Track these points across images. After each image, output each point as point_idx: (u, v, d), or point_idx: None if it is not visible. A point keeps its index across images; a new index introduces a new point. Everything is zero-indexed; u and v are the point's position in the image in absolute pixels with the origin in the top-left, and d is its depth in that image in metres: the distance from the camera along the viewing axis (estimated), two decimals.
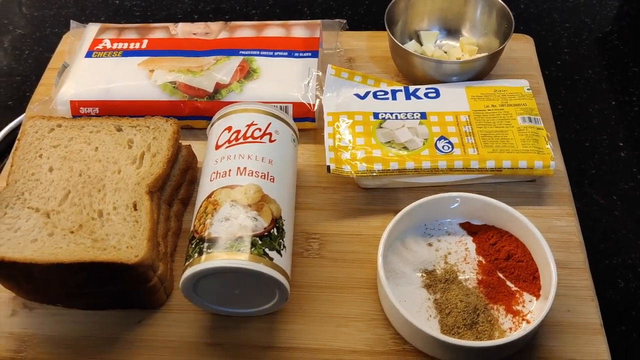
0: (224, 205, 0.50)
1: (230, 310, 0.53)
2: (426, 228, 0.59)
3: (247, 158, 0.54)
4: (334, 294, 0.56)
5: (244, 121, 0.56)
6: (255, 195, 0.51)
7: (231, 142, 0.55)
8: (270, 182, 0.53)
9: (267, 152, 0.55)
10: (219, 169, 0.54)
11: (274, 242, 0.50)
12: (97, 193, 0.54)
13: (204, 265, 0.48)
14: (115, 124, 0.60)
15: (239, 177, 0.52)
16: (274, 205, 0.52)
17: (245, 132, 0.55)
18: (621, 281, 0.62)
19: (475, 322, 0.52)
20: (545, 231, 0.58)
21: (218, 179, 0.53)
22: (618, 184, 0.70)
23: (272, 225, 0.51)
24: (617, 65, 0.83)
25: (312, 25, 0.74)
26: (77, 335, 0.55)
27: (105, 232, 0.52)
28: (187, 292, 0.50)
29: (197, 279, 0.49)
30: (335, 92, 0.68)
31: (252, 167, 0.53)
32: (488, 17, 0.74)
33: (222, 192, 0.52)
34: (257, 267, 0.47)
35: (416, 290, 0.55)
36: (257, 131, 0.56)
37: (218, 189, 0.52)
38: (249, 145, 0.55)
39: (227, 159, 0.54)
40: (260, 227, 0.50)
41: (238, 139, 0.55)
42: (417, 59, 0.69)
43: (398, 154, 0.61)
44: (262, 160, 0.54)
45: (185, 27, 0.75)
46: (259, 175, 0.53)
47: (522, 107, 0.65)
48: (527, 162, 0.61)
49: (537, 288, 0.54)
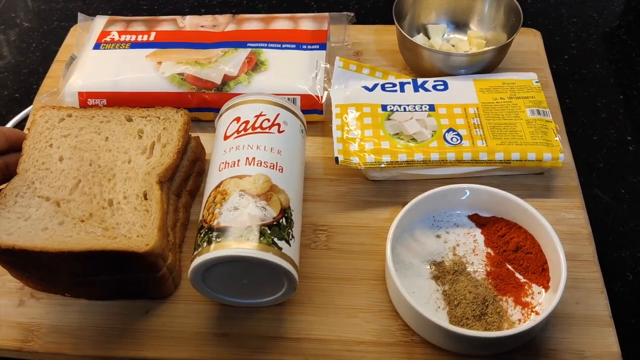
0: (233, 195, 0.50)
1: (239, 300, 0.53)
2: (434, 220, 0.59)
3: (255, 148, 0.54)
4: (342, 285, 0.56)
5: (252, 112, 0.56)
6: (264, 185, 0.51)
7: (240, 133, 0.55)
8: (279, 172, 0.53)
9: (275, 142, 0.55)
10: (227, 159, 0.54)
11: (282, 232, 0.50)
12: (107, 182, 0.54)
13: (213, 254, 0.48)
14: (125, 114, 0.60)
15: (247, 167, 0.52)
16: (283, 195, 0.52)
17: (254, 123, 0.55)
18: (630, 274, 0.61)
19: (484, 314, 0.52)
20: (554, 223, 0.58)
21: (227, 169, 0.53)
22: (626, 177, 0.69)
23: (280, 215, 0.50)
24: (625, 59, 0.83)
25: (319, 18, 0.74)
26: (84, 325, 0.55)
27: (116, 221, 0.52)
28: (196, 282, 0.50)
29: (206, 268, 0.49)
30: (343, 84, 0.67)
31: (261, 157, 0.53)
32: (496, 11, 0.74)
33: (231, 182, 0.51)
34: (265, 256, 0.47)
35: (425, 282, 0.54)
36: (265, 122, 0.55)
37: (227, 178, 0.52)
38: (257, 136, 0.55)
39: (235, 149, 0.54)
40: (269, 216, 0.50)
41: (247, 130, 0.55)
42: (426, 52, 0.68)
43: (406, 145, 0.61)
44: (271, 150, 0.54)
45: (193, 19, 0.75)
46: (268, 165, 0.53)
47: (530, 99, 0.65)
48: (535, 154, 0.60)
49: (546, 280, 0.54)
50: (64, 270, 0.52)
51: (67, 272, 0.52)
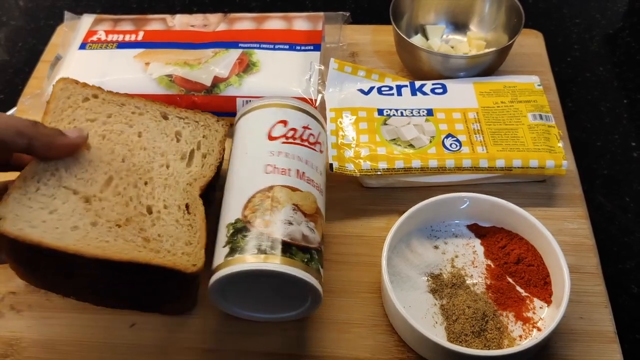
0: (286, 207, 0.48)
1: (248, 313, 0.51)
2: (432, 230, 0.56)
3: (304, 162, 0.51)
4: (335, 298, 0.54)
5: (300, 121, 0.54)
6: (313, 205, 0.49)
7: (288, 139, 0.52)
8: (321, 194, 0.51)
9: (319, 161, 0.53)
10: (277, 163, 0.50)
11: (321, 259, 0.48)
12: (143, 185, 0.50)
13: (269, 266, 0.44)
14: (160, 110, 0.55)
15: (299, 180, 0.50)
16: (322, 220, 0.50)
17: (302, 134, 0.53)
18: (635, 287, 0.59)
19: (484, 330, 0.49)
20: (556, 234, 0.56)
21: (276, 174, 0.49)
22: (631, 184, 0.67)
23: (322, 241, 0.49)
24: (629, 62, 0.81)
25: (314, 18, 0.72)
26: (67, 339, 0.52)
27: (157, 232, 0.47)
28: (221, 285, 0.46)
29: (249, 276, 0.45)
30: (338, 87, 0.65)
31: (309, 174, 0.51)
32: (497, 11, 0.71)
33: (283, 191, 0.48)
34: (317, 285, 0.46)
35: (421, 295, 0.52)
36: (311, 137, 0.53)
37: (278, 186, 0.49)
38: (306, 150, 0.52)
39: (285, 155, 0.51)
40: (316, 240, 0.48)
41: (295, 138, 0.52)
42: (424, 53, 0.66)
43: (404, 152, 0.59)
44: (317, 169, 0.52)
45: (182, 18, 0.73)
46: (314, 185, 0.50)
47: (532, 103, 0.63)
48: (538, 161, 0.58)
49: (549, 294, 0.52)
50: (87, 274, 0.47)
51: (90, 277, 0.48)
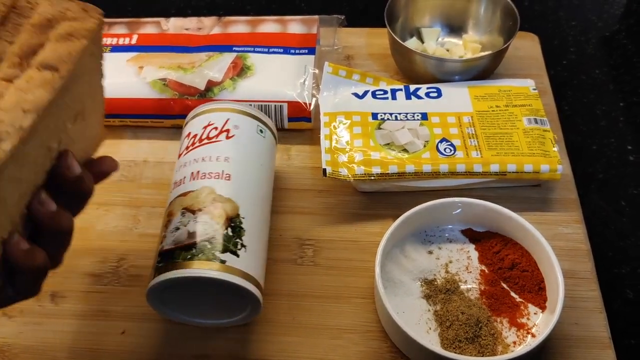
0: (176, 215, 0.49)
1: (206, 321, 0.51)
2: (426, 235, 0.56)
3: (201, 161, 0.52)
4: (328, 303, 0.53)
5: (201, 124, 0.54)
6: (207, 197, 0.49)
7: (188, 149, 0.53)
8: (226, 180, 0.50)
9: (222, 150, 0.52)
10: (176, 178, 0.52)
11: (227, 243, 0.47)
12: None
13: (154, 280, 0.46)
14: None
15: (192, 182, 0.50)
16: (229, 205, 0.49)
17: (201, 135, 0.53)
18: (630, 292, 0.59)
19: (478, 336, 0.49)
20: (551, 239, 0.56)
21: (175, 188, 0.51)
22: (626, 189, 0.67)
23: (226, 224, 0.48)
24: (625, 65, 0.81)
25: (309, 21, 0.71)
26: (58, 346, 0.52)
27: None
28: (156, 307, 0.49)
29: (157, 294, 0.47)
30: (332, 91, 0.65)
31: (205, 169, 0.51)
32: (492, 14, 0.71)
33: (176, 202, 0.50)
34: (203, 272, 0.45)
35: (415, 301, 0.52)
36: (213, 131, 0.53)
37: (174, 199, 0.50)
38: (203, 148, 0.53)
39: (183, 166, 0.52)
40: (210, 229, 0.47)
41: (194, 144, 0.53)
42: (418, 57, 0.66)
43: (398, 156, 0.58)
44: (217, 159, 0.51)
45: (177, 22, 0.72)
46: (212, 176, 0.50)
47: (527, 107, 0.63)
48: (533, 165, 0.58)
49: (543, 299, 0.51)
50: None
51: None
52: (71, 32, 0.40)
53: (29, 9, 0.39)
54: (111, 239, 0.58)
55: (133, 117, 0.65)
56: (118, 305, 0.54)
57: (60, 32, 0.39)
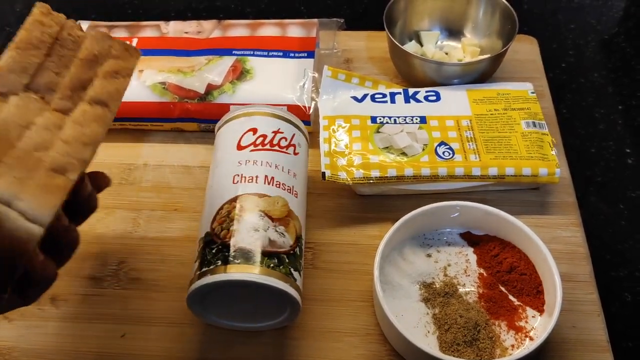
0: (251, 214, 0.48)
1: (232, 323, 0.51)
2: (425, 238, 0.56)
3: (274, 167, 0.51)
4: (327, 306, 0.53)
5: (270, 126, 0.53)
6: (283, 209, 0.49)
7: (257, 146, 0.52)
8: (294, 197, 0.51)
9: (292, 164, 0.52)
10: (244, 172, 0.50)
11: (296, 261, 0.48)
12: None
13: (231, 276, 0.45)
14: None
15: (266, 186, 0.49)
16: (298, 223, 0.50)
17: (272, 139, 0.52)
18: (628, 294, 0.59)
19: (476, 339, 0.49)
20: (549, 242, 0.56)
21: (243, 183, 0.50)
22: (625, 192, 0.67)
23: (295, 244, 0.49)
24: (624, 68, 0.81)
25: (308, 25, 0.72)
26: (59, 349, 0.52)
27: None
28: (195, 299, 0.47)
29: (216, 288, 0.46)
30: (331, 94, 0.65)
31: (280, 178, 0.50)
32: (491, 18, 0.71)
33: (249, 199, 0.48)
34: (285, 287, 0.45)
35: (414, 304, 0.52)
36: (283, 140, 0.53)
37: (244, 194, 0.49)
38: (276, 154, 0.52)
39: (253, 163, 0.51)
40: (287, 244, 0.47)
41: (264, 144, 0.52)
42: (417, 61, 0.66)
43: (396, 160, 0.58)
44: (288, 172, 0.51)
45: (176, 25, 0.73)
46: (286, 188, 0.50)
47: (526, 111, 0.63)
48: (531, 169, 0.58)
49: (541, 303, 0.51)
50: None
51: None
52: (117, 70, 0.43)
53: (72, 42, 0.42)
54: (111, 242, 0.59)
55: (133, 120, 0.66)
56: (118, 308, 0.54)
57: (107, 70, 0.42)
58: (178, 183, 0.63)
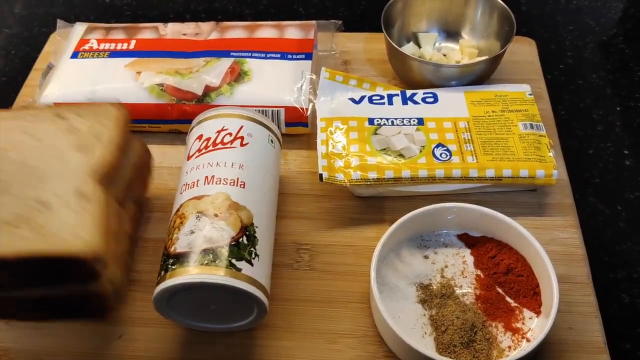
0: (190, 218, 0.48)
1: (209, 325, 0.51)
2: (422, 239, 0.56)
3: (215, 165, 0.51)
4: (324, 308, 0.53)
5: (214, 127, 0.54)
6: (223, 203, 0.49)
7: (201, 151, 0.53)
8: (241, 187, 0.50)
9: (237, 157, 0.52)
10: (188, 180, 0.52)
11: (242, 251, 0.47)
12: (40, 183, 0.48)
13: (168, 282, 0.46)
14: (56, 112, 0.54)
15: (206, 186, 0.50)
16: (244, 212, 0.49)
17: (215, 139, 0.53)
18: (626, 296, 0.59)
19: (473, 340, 0.49)
20: (547, 243, 0.56)
21: (187, 190, 0.51)
22: (623, 193, 0.67)
23: (240, 233, 0.48)
24: (623, 69, 0.81)
25: (306, 26, 0.72)
26: (55, 350, 0.52)
27: (50, 222, 0.46)
28: (161, 309, 0.48)
29: (167, 296, 0.47)
30: (329, 96, 0.65)
31: (221, 174, 0.51)
32: (489, 19, 0.71)
33: (190, 204, 0.50)
34: (222, 280, 0.45)
35: (411, 306, 0.52)
36: (227, 136, 0.53)
37: (186, 201, 0.50)
38: (218, 152, 0.52)
39: (196, 168, 0.52)
40: (227, 236, 0.47)
41: (207, 147, 0.53)
42: (415, 63, 0.66)
43: (394, 161, 0.58)
44: (232, 166, 0.51)
45: (175, 27, 0.73)
46: (228, 182, 0.50)
47: (523, 113, 0.63)
48: (528, 170, 0.58)
49: (538, 304, 0.51)
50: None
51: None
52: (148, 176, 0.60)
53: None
54: None
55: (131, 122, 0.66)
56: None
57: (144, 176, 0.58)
58: (176, 185, 0.63)
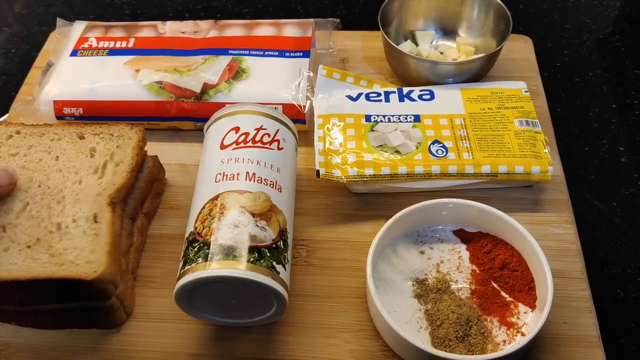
0: (232, 211, 0.48)
1: (222, 319, 0.51)
2: (419, 235, 0.57)
3: (256, 163, 0.51)
4: (321, 303, 0.54)
5: (252, 124, 0.54)
6: (265, 204, 0.49)
7: (239, 144, 0.52)
8: (278, 191, 0.51)
9: (276, 159, 0.53)
10: (225, 170, 0.51)
11: (280, 255, 0.48)
12: (56, 205, 0.52)
13: (211, 272, 0.45)
14: (77, 132, 0.57)
15: (248, 182, 0.50)
16: (281, 217, 0.50)
17: (254, 136, 0.53)
18: (620, 291, 0.60)
19: (468, 335, 0.50)
20: (542, 239, 0.56)
21: (225, 181, 0.50)
22: (618, 190, 0.68)
23: (279, 237, 0.49)
24: (618, 67, 0.81)
25: (304, 25, 0.72)
26: (55, 345, 0.53)
27: (64, 246, 0.49)
28: (182, 298, 0.48)
29: (198, 286, 0.46)
30: (326, 93, 0.66)
31: (262, 173, 0.51)
32: (485, 17, 0.72)
33: (230, 196, 0.49)
34: (265, 280, 0.46)
35: (407, 300, 0.53)
36: (266, 136, 0.53)
37: (225, 192, 0.49)
38: (258, 150, 0.52)
39: (235, 161, 0.51)
40: (268, 238, 0.48)
41: (247, 142, 0.52)
42: (412, 60, 0.66)
43: (390, 158, 0.59)
44: (271, 167, 0.52)
45: (173, 25, 0.73)
46: (268, 184, 0.51)
47: (519, 110, 0.63)
48: (524, 167, 0.58)
49: (533, 299, 0.52)
50: (10, 298, 0.50)
51: (13, 300, 0.50)
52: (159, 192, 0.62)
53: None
54: None
55: (130, 119, 0.66)
56: None
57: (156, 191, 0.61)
58: (174, 181, 0.64)
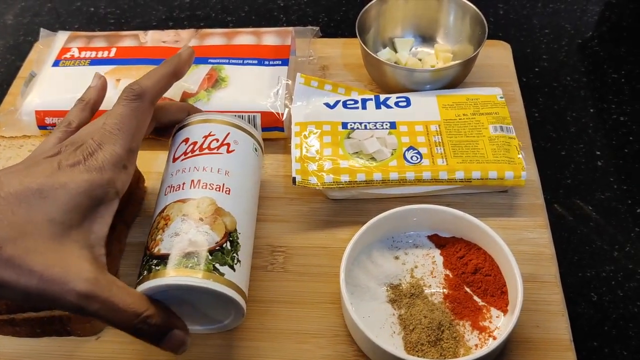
0: (175, 220, 0.49)
1: (191, 327, 0.52)
2: (394, 241, 0.58)
3: (202, 170, 0.52)
4: (296, 309, 0.55)
5: (201, 132, 0.55)
6: (208, 208, 0.50)
7: (187, 154, 0.54)
8: (226, 194, 0.52)
9: (223, 163, 0.53)
10: (173, 182, 0.52)
11: (226, 256, 0.48)
12: None
13: (151, 282, 0.46)
14: None
15: (192, 190, 0.51)
16: (228, 218, 0.50)
17: (202, 144, 0.54)
18: (594, 295, 0.60)
19: (440, 339, 0.50)
20: (516, 243, 0.57)
21: (172, 192, 0.52)
22: (594, 194, 0.68)
23: (224, 239, 0.49)
24: (597, 71, 0.82)
25: (283, 33, 0.73)
26: (32, 353, 0.53)
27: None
28: None
29: (149, 297, 0.47)
30: (304, 101, 0.66)
31: (207, 179, 0.52)
32: (462, 23, 0.72)
33: (175, 207, 0.50)
34: (205, 283, 0.46)
35: (380, 306, 0.53)
36: (214, 142, 0.54)
37: (171, 203, 0.51)
38: (204, 157, 0.53)
39: (181, 171, 0.53)
40: (211, 241, 0.48)
41: (194, 151, 0.54)
42: (389, 68, 0.67)
43: (365, 165, 0.60)
44: (218, 171, 0.52)
45: (155, 34, 0.74)
46: (214, 188, 0.51)
47: (494, 115, 0.64)
48: (497, 172, 0.59)
49: (505, 303, 0.53)
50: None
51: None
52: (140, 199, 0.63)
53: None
54: None
55: None
56: None
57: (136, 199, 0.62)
58: (155, 189, 0.64)
